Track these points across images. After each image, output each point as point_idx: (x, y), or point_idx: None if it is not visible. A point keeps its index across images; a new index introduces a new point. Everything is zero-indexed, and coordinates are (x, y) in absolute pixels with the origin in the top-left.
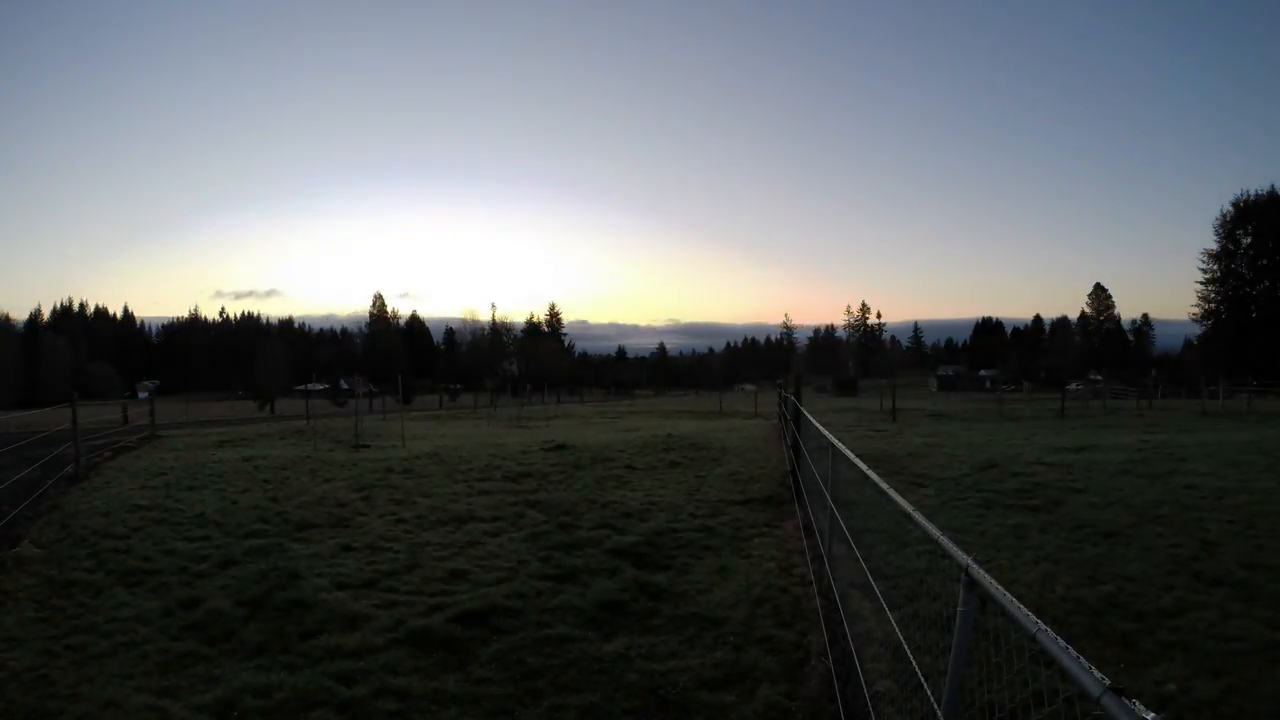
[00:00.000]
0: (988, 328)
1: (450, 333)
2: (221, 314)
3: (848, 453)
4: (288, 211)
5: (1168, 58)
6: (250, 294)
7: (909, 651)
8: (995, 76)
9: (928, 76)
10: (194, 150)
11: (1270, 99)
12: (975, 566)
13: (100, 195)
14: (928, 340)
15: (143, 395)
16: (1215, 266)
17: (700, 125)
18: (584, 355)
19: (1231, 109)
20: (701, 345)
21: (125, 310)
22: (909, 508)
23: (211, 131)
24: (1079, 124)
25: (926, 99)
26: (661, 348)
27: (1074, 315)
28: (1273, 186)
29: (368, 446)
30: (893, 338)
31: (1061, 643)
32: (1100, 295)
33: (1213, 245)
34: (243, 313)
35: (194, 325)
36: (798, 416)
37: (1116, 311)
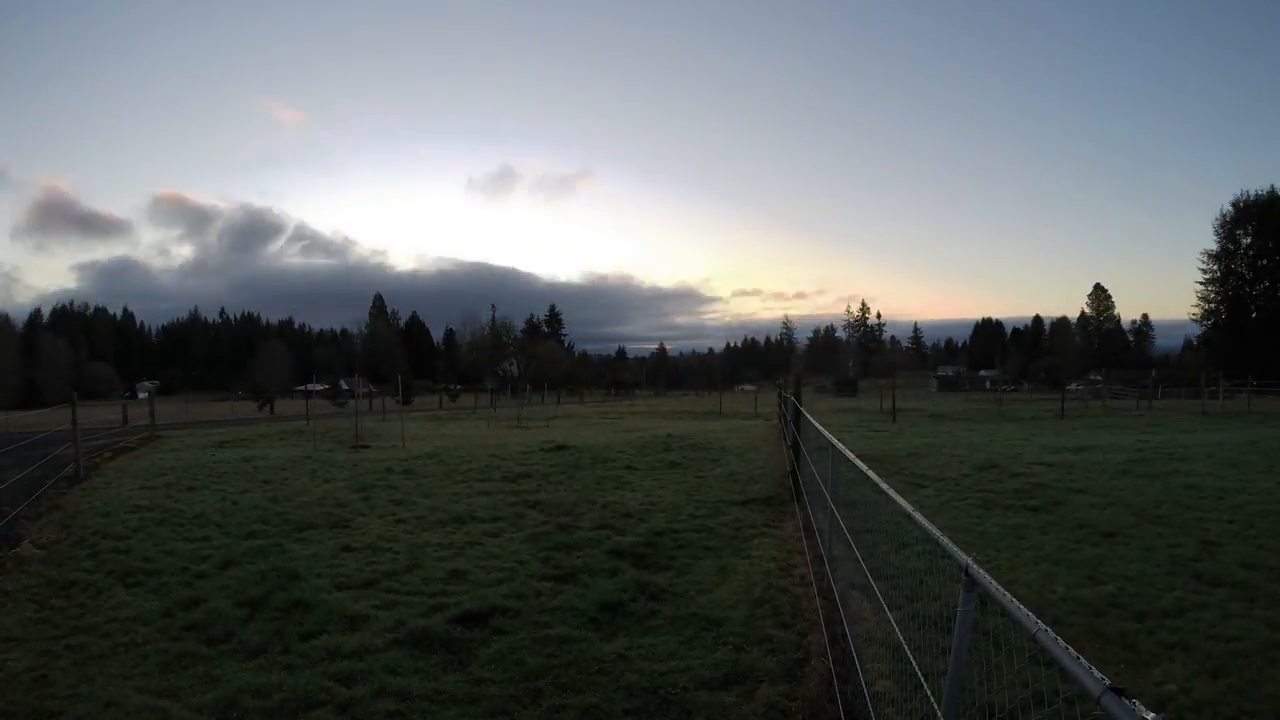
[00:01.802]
0: (988, 328)
1: (450, 333)
2: (221, 314)
3: (848, 453)
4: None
5: (1168, 58)
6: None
7: (909, 652)
8: (995, 76)
9: (928, 76)
10: None
11: (1270, 99)
12: (975, 566)
13: None
14: (928, 340)
15: (142, 395)
16: (1215, 266)
17: (697, 125)
18: (584, 355)
19: (1231, 109)
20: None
21: (125, 310)
22: (909, 508)
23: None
24: (1079, 124)
25: (927, 99)
26: (661, 348)
27: (1074, 315)
28: (1273, 186)
29: (367, 447)
30: (893, 338)
31: (1061, 643)
32: (1100, 295)
33: (1213, 245)
34: (243, 313)
35: (194, 325)
36: (798, 417)
37: (1116, 312)
